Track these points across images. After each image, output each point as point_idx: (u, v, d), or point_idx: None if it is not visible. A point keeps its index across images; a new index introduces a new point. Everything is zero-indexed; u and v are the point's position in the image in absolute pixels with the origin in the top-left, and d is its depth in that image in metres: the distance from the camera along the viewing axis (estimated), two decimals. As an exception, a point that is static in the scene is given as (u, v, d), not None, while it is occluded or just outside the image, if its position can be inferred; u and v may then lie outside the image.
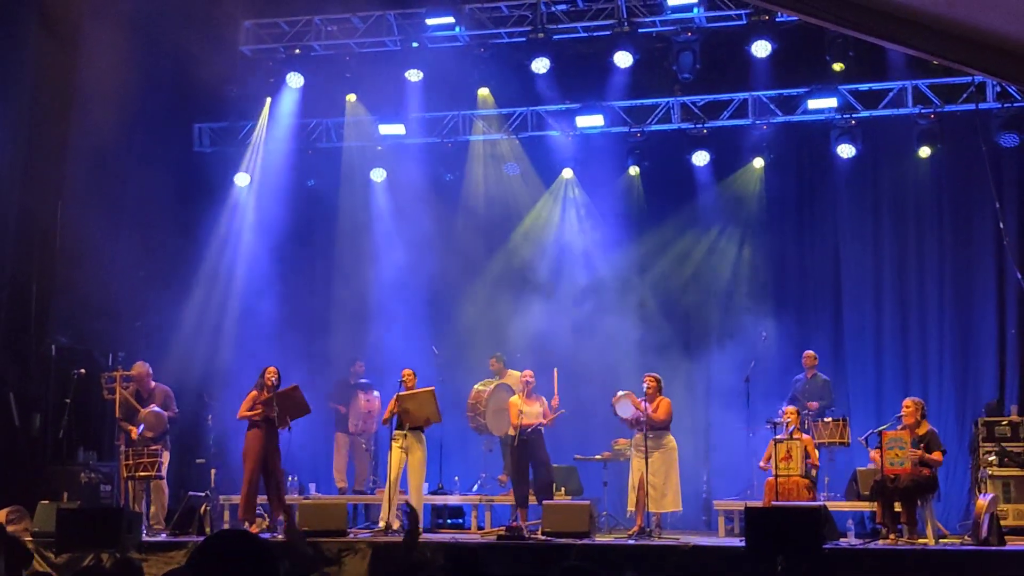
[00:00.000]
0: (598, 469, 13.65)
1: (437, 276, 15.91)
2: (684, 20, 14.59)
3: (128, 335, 14.41)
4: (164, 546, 11.53)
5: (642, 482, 12.11)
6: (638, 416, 12.20)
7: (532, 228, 16.18)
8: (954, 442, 13.58)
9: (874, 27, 7.93)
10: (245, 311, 15.70)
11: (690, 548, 11.12)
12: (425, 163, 16.12)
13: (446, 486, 14.20)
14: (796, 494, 11.93)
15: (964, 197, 14.72)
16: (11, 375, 13.53)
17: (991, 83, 13.95)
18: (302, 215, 16.29)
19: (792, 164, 15.46)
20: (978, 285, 14.66)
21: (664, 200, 15.73)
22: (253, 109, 16.06)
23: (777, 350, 14.59)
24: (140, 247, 14.82)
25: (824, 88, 14.45)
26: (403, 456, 12.47)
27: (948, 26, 7.68)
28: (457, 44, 15.38)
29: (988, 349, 14.47)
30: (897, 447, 11.35)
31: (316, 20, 15.60)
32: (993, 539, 10.66)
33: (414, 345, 14.99)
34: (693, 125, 15.12)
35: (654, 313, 15.30)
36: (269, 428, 12.23)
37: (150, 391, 12.68)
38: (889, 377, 14.87)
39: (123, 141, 14.68)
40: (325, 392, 14.85)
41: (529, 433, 12.47)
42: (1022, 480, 12.19)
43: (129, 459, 12.25)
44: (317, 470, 15.04)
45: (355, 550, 11.33)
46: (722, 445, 14.51)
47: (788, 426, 12.37)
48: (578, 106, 15.21)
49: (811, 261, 15.48)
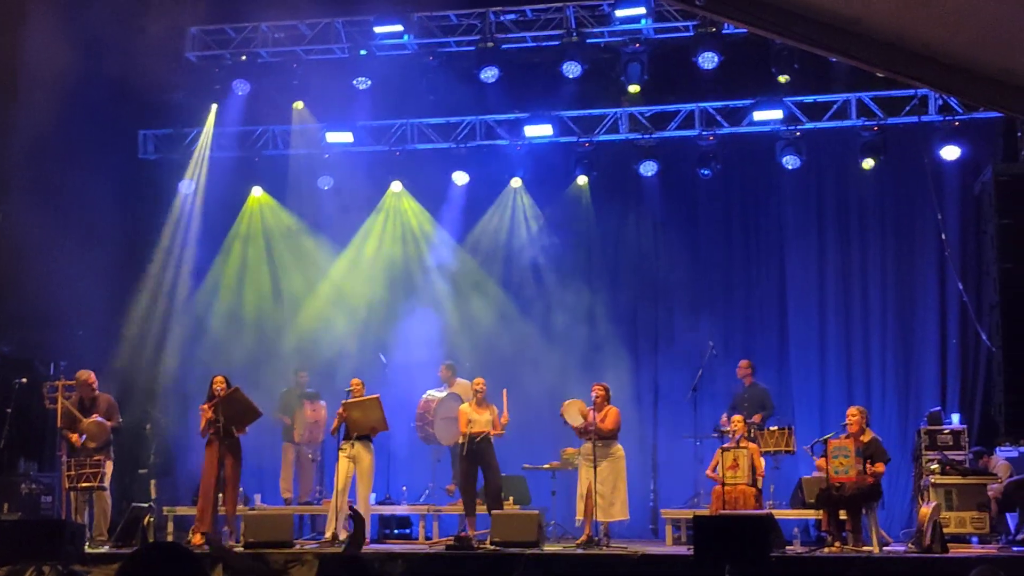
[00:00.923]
0: (546, 478, 13.64)
1: (385, 284, 15.85)
2: (632, 31, 14.69)
3: (70, 344, 14.20)
4: (107, 558, 11.34)
5: (590, 491, 12.12)
6: (586, 425, 12.21)
7: (481, 237, 16.16)
8: (897, 450, 13.73)
9: (820, 39, 8.02)
10: (190, 320, 15.54)
11: (638, 557, 11.14)
12: (373, 171, 16.06)
13: (394, 496, 14.13)
14: (743, 502, 12.00)
15: (907, 208, 14.93)
16: (-50, 385, 13.30)
17: (933, 96, 14.17)
18: (248, 223, 16.15)
19: (738, 175, 15.60)
20: (920, 296, 14.86)
21: (612, 210, 15.80)
22: (199, 116, 15.92)
23: (723, 359, 14.68)
24: (83, 255, 14.61)
25: (769, 100, 14.60)
26: (350, 465, 12.39)
27: (891, 38, 7.78)
28: (405, 52, 15.36)
29: (930, 359, 14.67)
30: (842, 455, 11.46)
31: (263, 27, 15.49)
32: (936, 547, 10.78)
33: (362, 354, 14.90)
34: (641, 135, 15.21)
35: (603, 322, 15.34)
36: (223, 438, 12.12)
37: (93, 400, 12.49)
38: (833, 386, 15.02)
39: (66, 147, 14.48)
40: (271, 403, 14.71)
41: (478, 442, 12.44)
42: (964, 488, 12.34)
43: (71, 469, 12.05)
44: (263, 481, 14.89)
45: (302, 561, 11.23)
46: (669, 454, 14.58)
47: (735, 435, 12.46)
48: (526, 115, 15.25)
49: (757, 271, 15.62)
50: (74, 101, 14.73)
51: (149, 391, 15.05)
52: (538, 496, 13.75)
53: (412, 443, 14.42)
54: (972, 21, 7.13)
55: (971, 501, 12.27)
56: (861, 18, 7.36)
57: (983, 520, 12.21)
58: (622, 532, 13.11)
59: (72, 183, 14.62)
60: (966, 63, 7.79)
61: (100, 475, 12.12)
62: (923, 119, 14.19)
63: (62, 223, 14.52)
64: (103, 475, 12.18)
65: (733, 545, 9.88)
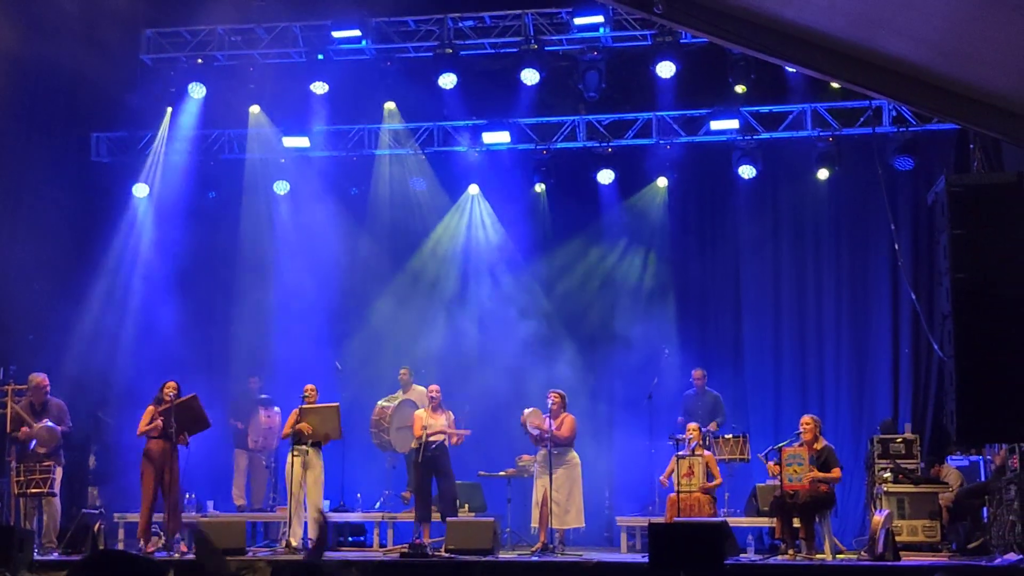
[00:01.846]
0: (502, 485, 13.62)
1: (341, 291, 15.78)
2: (590, 39, 14.70)
3: (21, 348, 13.99)
4: (57, 565, 11.15)
5: (546, 498, 12.12)
6: (542, 433, 12.21)
7: (438, 243, 16.13)
8: (850, 459, 13.83)
9: (776, 48, 8.08)
10: (142, 325, 15.36)
11: (593, 564, 11.12)
12: (330, 176, 15.99)
13: (348, 503, 14.06)
14: (698, 510, 12.05)
15: (861, 218, 15.06)
16: None
17: (887, 108, 14.31)
18: (202, 227, 16.00)
19: (695, 184, 15.67)
20: (874, 305, 14.99)
21: (569, 217, 15.82)
22: (153, 119, 15.72)
23: (679, 366, 14.74)
24: (34, 258, 14.41)
25: (726, 110, 14.67)
26: (301, 471, 12.30)
27: (848, 48, 7.85)
28: (363, 57, 15.28)
29: (883, 368, 14.79)
30: (796, 463, 11.55)
31: (220, 30, 15.36)
32: (888, 555, 10.87)
33: (317, 360, 14.81)
34: (598, 144, 15.24)
35: (559, 329, 15.35)
36: (167, 444, 11.97)
37: (44, 404, 12.31)
38: (787, 394, 15.11)
39: (17, 150, 14.29)
40: (224, 408, 14.59)
41: (433, 449, 12.41)
42: (916, 496, 12.45)
43: (21, 475, 11.88)
44: (216, 487, 14.75)
45: (254, 568, 11.10)
46: (625, 461, 14.60)
47: (690, 442, 12.50)
48: (484, 122, 15.24)
49: (712, 279, 15.69)
50: (25, 102, 14.55)
51: (100, 397, 14.86)
52: (493, 503, 13.73)
53: (367, 450, 14.34)
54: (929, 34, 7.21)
55: (923, 509, 12.39)
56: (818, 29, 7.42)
57: (935, 528, 12.33)
58: (577, 539, 13.11)
59: (23, 186, 14.43)
60: (920, 74, 7.87)
61: (50, 481, 11.96)
62: (877, 130, 14.30)
63: (12, 226, 14.33)
64: (53, 481, 12.01)
65: (688, 552, 9.89)
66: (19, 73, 14.04)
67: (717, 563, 9.93)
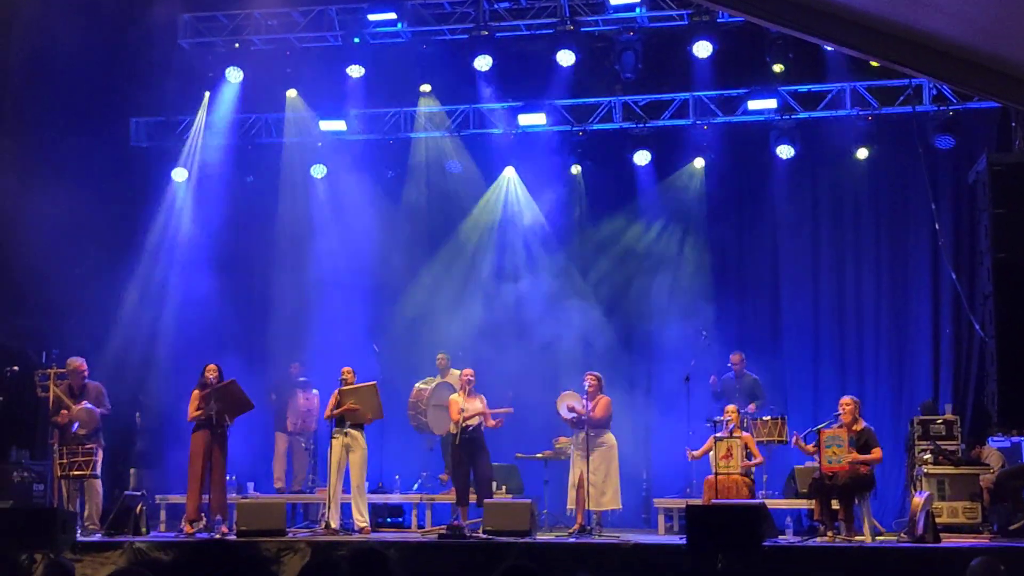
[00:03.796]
0: (539, 467, 13.64)
1: (378, 274, 15.82)
2: (626, 20, 14.64)
3: (62, 332, 14.15)
4: (99, 546, 11.32)
5: (582, 480, 12.13)
6: (578, 415, 12.21)
7: (474, 226, 16.13)
8: (889, 440, 13.73)
9: (815, 27, 7.99)
10: (181, 309, 15.48)
11: (631, 546, 11.13)
12: (366, 160, 16.02)
13: (386, 485, 14.12)
14: (736, 492, 12.00)
15: (900, 198, 14.92)
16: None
17: (927, 86, 14.15)
18: (240, 211, 16.11)
19: (732, 165, 15.54)
20: (914, 285, 14.86)
21: (606, 199, 15.78)
22: (191, 104, 15.85)
23: (717, 348, 14.66)
24: (75, 243, 14.56)
25: (764, 89, 14.56)
26: (343, 454, 12.35)
27: (887, 26, 7.75)
28: (399, 40, 15.30)
29: (923, 348, 14.67)
30: (835, 445, 11.48)
31: (256, 14, 15.41)
32: (928, 536, 10.79)
33: (355, 343, 14.87)
34: (634, 124, 15.17)
35: (595, 312, 15.31)
36: (212, 427, 12.09)
37: (83, 387, 12.45)
38: (826, 375, 15.02)
39: (58, 135, 14.42)
40: (264, 390, 14.68)
41: (470, 432, 12.43)
42: (956, 478, 12.35)
43: (63, 458, 12.02)
44: (256, 470, 14.87)
45: (295, 549, 11.23)
46: (662, 443, 14.56)
47: (728, 424, 12.45)
48: (520, 104, 15.20)
49: (750, 261, 15.61)
50: (65, 88, 14.67)
51: (140, 379, 15.00)
52: (530, 485, 13.75)
53: (404, 432, 14.39)
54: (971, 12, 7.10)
55: (963, 491, 12.29)
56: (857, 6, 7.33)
57: (975, 510, 12.22)
58: (615, 521, 13.10)
59: (64, 170, 14.55)
60: (961, 52, 7.76)
61: (92, 463, 12.09)
62: (917, 109, 14.13)
63: (54, 211, 14.45)
64: (95, 463, 12.15)
65: (726, 534, 9.87)
66: (59, 59, 14.16)
67: (755, 545, 9.90)
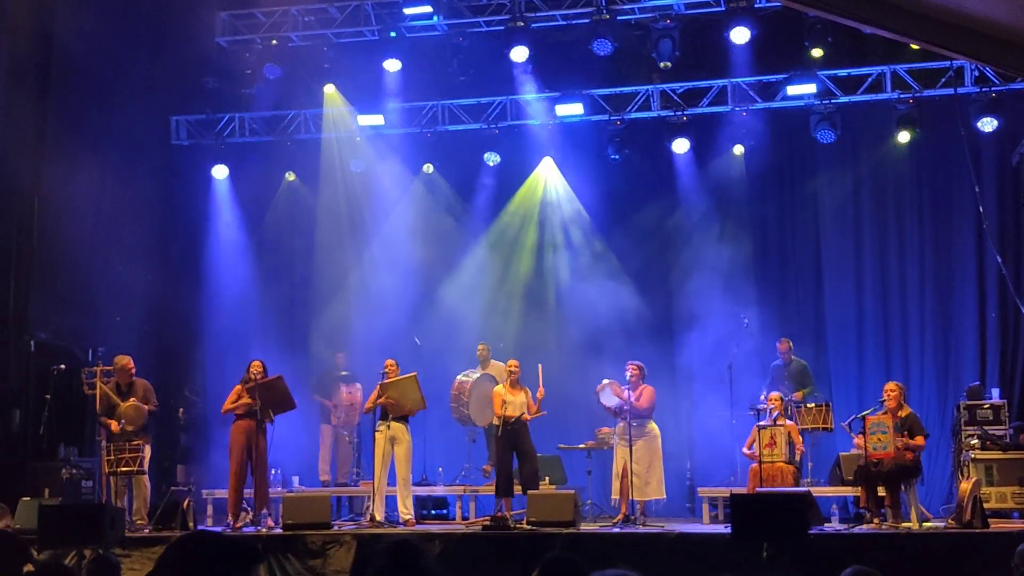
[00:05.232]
0: (582, 458, 13.64)
1: (419, 266, 15.86)
2: (663, 7, 14.56)
3: (108, 330, 14.31)
4: (147, 542, 11.45)
5: (626, 470, 12.10)
6: (621, 404, 12.18)
7: (513, 217, 16.14)
8: (936, 426, 13.62)
9: (853, 10, 7.91)
10: (226, 305, 15.62)
11: (675, 536, 11.11)
12: (405, 153, 16.06)
13: (430, 477, 14.17)
14: (780, 480, 11.94)
15: (944, 181, 14.77)
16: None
17: (969, 68, 13.97)
18: (280, 207, 16.21)
19: (772, 151, 15.42)
20: (958, 269, 14.71)
21: (645, 188, 15.73)
22: (230, 101, 15.96)
23: (759, 336, 14.58)
24: (119, 241, 14.72)
25: (803, 74, 14.45)
26: (388, 447, 12.41)
27: (927, 9, 7.67)
28: (435, 33, 15.31)
29: (969, 333, 14.52)
30: (880, 432, 11.38)
31: (293, 11, 15.48)
32: (976, 522, 10.69)
33: (396, 336, 14.93)
34: (673, 112, 15.10)
35: (637, 301, 15.27)
36: (252, 422, 12.17)
37: (130, 385, 12.58)
38: (870, 361, 14.90)
39: (101, 134, 14.56)
40: (308, 385, 14.78)
41: (513, 423, 12.43)
42: (1004, 463, 12.23)
43: (111, 454, 12.15)
44: (300, 463, 14.97)
45: (340, 542, 11.31)
46: (705, 432, 14.51)
47: (772, 412, 12.39)
48: (557, 95, 15.17)
49: (792, 247, 15.51)
50: (107, 88, 14.81)
51: (186, 376, 15.14)
52: (574, 476, 13.75)
53: (447, 424, 14.43)
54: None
55: (1012, 476, 12.18)
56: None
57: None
58: (659, 511, 13.06)
59: (107, 169, 14.70)
60: (1003, 33, 7.67)
61: (139, 459, 12.20)
62: (959, 91, 13.97)
63: (98, 210, 14.61)
64: (142, 459, 12.26)
65: (771, 523, 9.83)
66: (101, 59, 14.29)
67: (801, 533, 9.86)
